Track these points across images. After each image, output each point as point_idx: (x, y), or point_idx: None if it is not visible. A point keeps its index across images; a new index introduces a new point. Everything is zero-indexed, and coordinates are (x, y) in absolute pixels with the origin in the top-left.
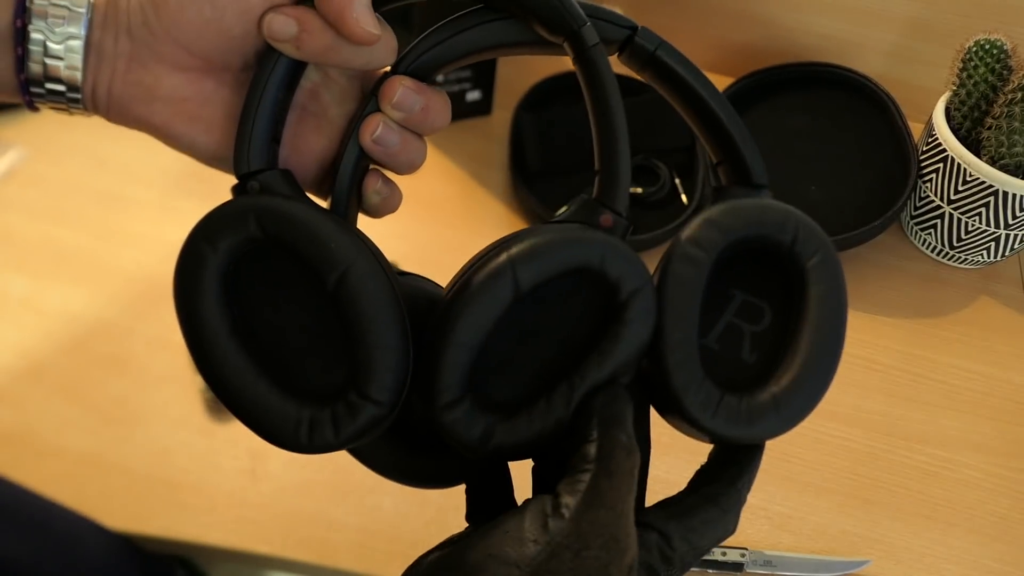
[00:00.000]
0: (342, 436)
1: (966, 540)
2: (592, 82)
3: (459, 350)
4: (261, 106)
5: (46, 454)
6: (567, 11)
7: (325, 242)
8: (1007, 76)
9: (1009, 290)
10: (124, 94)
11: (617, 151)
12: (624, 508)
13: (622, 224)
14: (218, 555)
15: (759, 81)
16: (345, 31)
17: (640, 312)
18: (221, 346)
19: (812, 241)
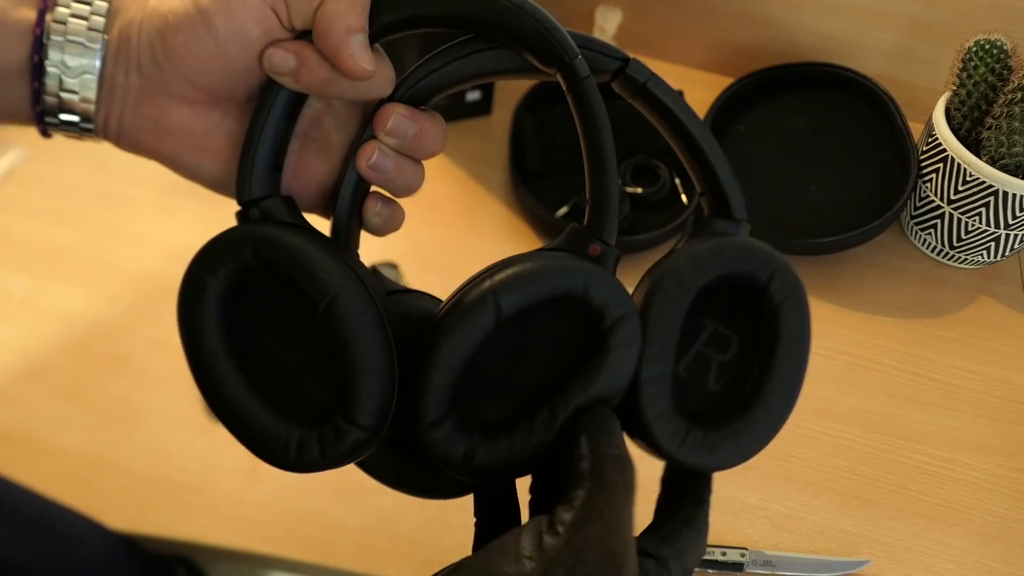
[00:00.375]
0: (328, 458)
1: (966, 540)
2: (583, 114)
3: (442, 373)
4: (262, 136)
5: (46, 454)
6: (559, 44)
7: (315, 271)
8: (1007, 76)
9: (1009, 290)
10: (134, 126)
11: (607, 183)
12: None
13: (611, 254)
14: (218, 555)
15: (759, 81)
16: (341, 67)
17: (624, 339)
18: (219, 367)
19: (786, 283)
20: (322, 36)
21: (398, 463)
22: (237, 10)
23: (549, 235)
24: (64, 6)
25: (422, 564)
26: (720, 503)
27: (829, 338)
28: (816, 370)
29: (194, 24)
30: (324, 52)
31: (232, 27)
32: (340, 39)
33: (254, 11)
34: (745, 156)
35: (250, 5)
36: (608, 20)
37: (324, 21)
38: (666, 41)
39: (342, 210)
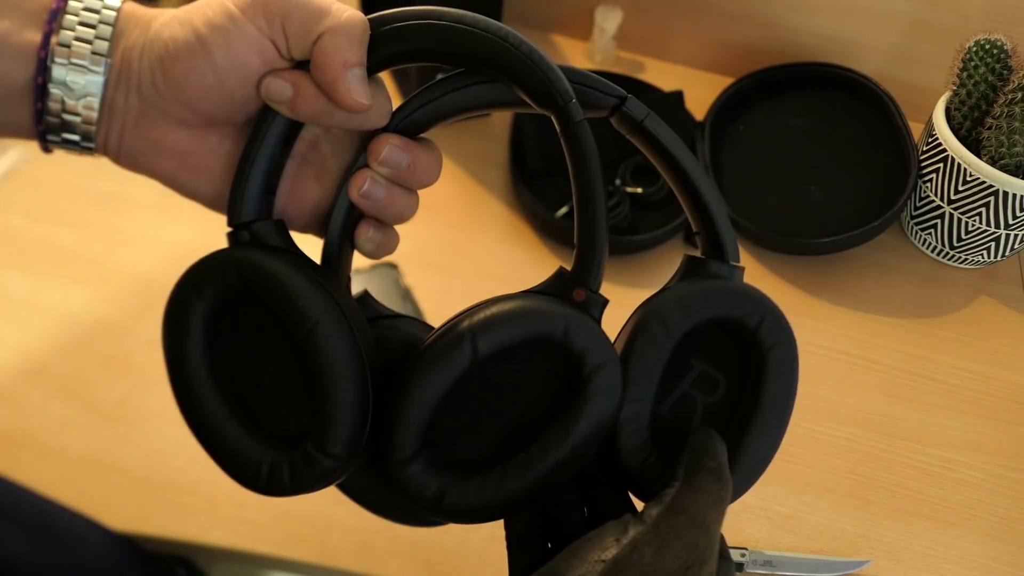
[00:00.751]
0: (298, 484)
1: (966, 540)
2: (575, 157)
3: (415, 410)
4: (256, 161)
5: (46, 454)
6: (554, 87)
7: (295, 299)
8: (1007, 76)
9: (1009, 290)
10: (132, 146)
11: (595, 228)
12: (707, 522)
13: (596, 300)
14: (218, 555)
15: (759, 81)
16: (336, 100)
17: (603, 388)
18: (198, 385)
19: (776, 330)
20: (319, 69)
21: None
22: (236, 41)
23: (549, 235)
24: (69, 29)
25: (422, 564)
26: None
27: (829, 338)
28: (816, 370)
29: (194, 53)
30: (321, 84)
31: (231, 57)
32: (336, 73)
33: (253, 42)
34: (745, 156)
35: (249, 36)
36: (608, 20)
37: (322, 55)
38: (666, 41)
39: (333, 235)
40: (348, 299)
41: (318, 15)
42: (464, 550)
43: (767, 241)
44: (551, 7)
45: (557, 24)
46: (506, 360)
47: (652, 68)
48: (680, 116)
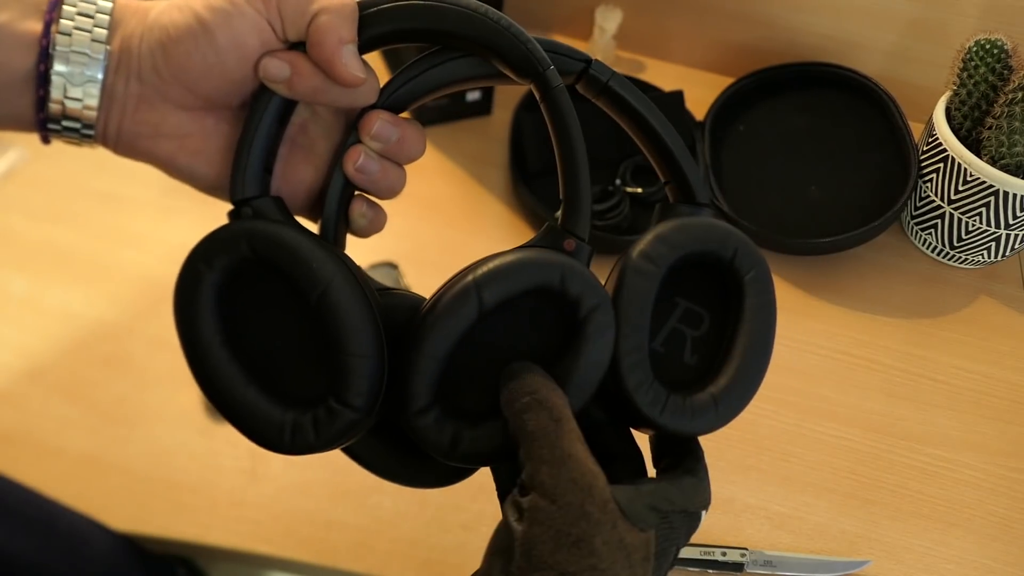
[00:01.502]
0: (322, 438)
1: (966, 540)
2: (556, 120)
3: (427, 361)
4: (256, 139)
5: (46, 454)
6: (533, 56)
7: (308, 262)
8: (1007, 76)
9: (1009, 290)
10: (132, 131)
11: (579, 182)
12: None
13: (584, 249)
14: (218, 555)
15: (759, 81)
16: (334, 75)
17: (599, 327)
18: (214, 355)
19: (749, 257)
20: (316, 46)
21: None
22: (236, 22)
23: None
24: (69, 19)
25: (422, 564)
26: (720, 503)
27: (829, 338)
28: (816, 370)
29: (195, 35)
30: (318, 61)
31: (231, 38)
32: (333, 48)
33: (252, 23)
34: (745, 156)
35: (248, 17)
36: (608, 20)
37: (318, 32)
38: (666, 41)
39: (330, 211)
40: (355, 265)
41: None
42: (464, 550)
43: (767, 241)
44: (551, 7)
45: (557, 24)
46: (509, 310)
47: (652, 68)
48: (680, 116)
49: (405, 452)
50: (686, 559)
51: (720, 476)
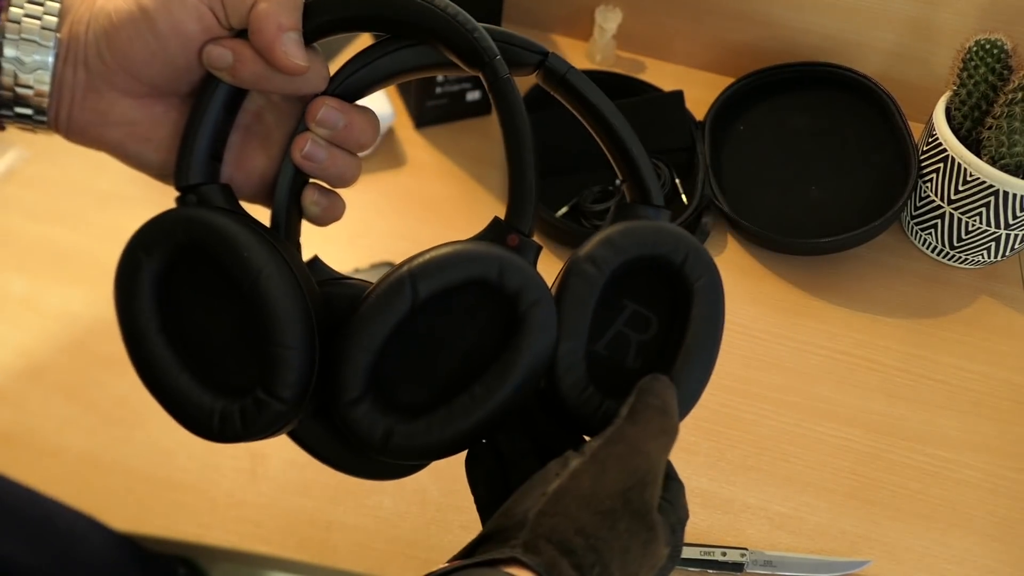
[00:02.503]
0: (249, 429)
1: (966, 540)
2: (502, 111)
3: (360, 352)
4: (201, 126)
5: (46, 454)
6: (479, 45)
7: (240, 251)
8: (1007, 76)
9: (1009, 290)
10: (81, 118)
11: (525, 177)
12: (647, 450)
13: (530, 244)
14: (218, 555)
15: (759, 81)
16: (274, 62)
17: (539, 324)
18: (150, 341)
19: (700, 264)
20: (256, 33)
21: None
22: (176, 9)
23: (549, 235)
24: (18, 6)
25: (422, 564)
26: (720, 503)
27: (829, 338)
28: (816, 370)
29: (136, 22)
30: (258, 48)
31: (172, 25)
32: (272, 36)
33: (192, 10)
34: (745, 156)
35: (189, 5)
36: (608, 20)
37: (257, 19)
38: (666, 41)
39: (280, 199)
40: (294, 255)
41: None
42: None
43: (767, 241)
44: (551, 7)
45: (557, 24)
46: (445, 303)
47: (652, 68)
48: (680, 116)
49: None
50: (686, 559)
51: (720, 476)
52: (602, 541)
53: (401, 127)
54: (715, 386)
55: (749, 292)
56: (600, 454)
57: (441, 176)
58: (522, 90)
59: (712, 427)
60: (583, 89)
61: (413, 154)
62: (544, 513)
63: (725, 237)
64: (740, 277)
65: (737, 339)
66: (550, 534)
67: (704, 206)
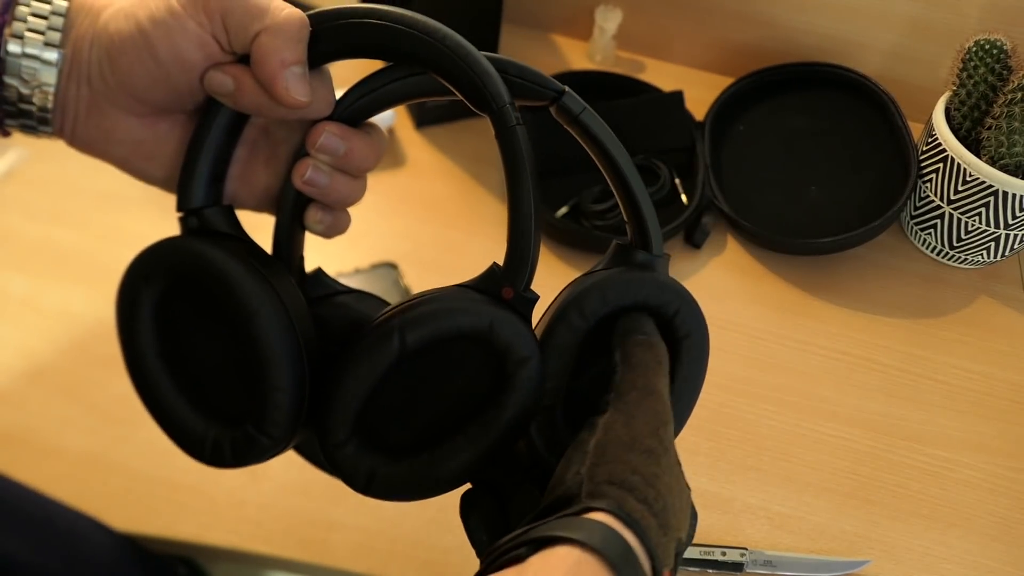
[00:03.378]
0: (238, 459)
1: (966, 540)
2: (507, 160)
3: (346, 399)
4: (204, 149)
5: (46, 454)
6: (487, 91)
7: (233, 290)
8: (1007, 76)
9: (1009, 290)
10: (85, 135)
11: (525, 230)
12: (657, 388)
13: (524, 299)
14: (218, 555)
15: (759, 81)
16: (275, 97)
17: (525, 382)
18: (148, 365)
19: (690, 320)
20: (258, 66)
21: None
22: (177, 35)
23: (549, 235)
24: (21, 20)
25: (422, 564)
26: (720, 503)
27: (829, 338)
28: (816, 370)
29: (137, 47)
30: (260, 81)
31: (172, 51)
32: (274, 71)
33: (194, 37)
34: (745, 156)
35: (190, 31)
36: (608, 20)
37: (259, 52)
38: (666, 41)
39: (283, 220)
40: (289, 287)
41: (256, 13)
42: (465, 550)
43: (767, 241)
44: (551, 7)
45: (557, 24)
46: (434, 352)
47: (652, 68)
48: (680, 116)
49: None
50: (686, 559)
51: (720, 476)
52: (655, 477)
53: (401, 127)
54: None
55: (749, 292)
56: (620, 405)
57: (441, 176)
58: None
59: (712, 427)
60: (596, 131)
61: (413, 154)
62: (596, 464)
63: (725, 237)
64: (740, 277)
65: (737, 339)
66: (609, 478)
67: (704, 206)
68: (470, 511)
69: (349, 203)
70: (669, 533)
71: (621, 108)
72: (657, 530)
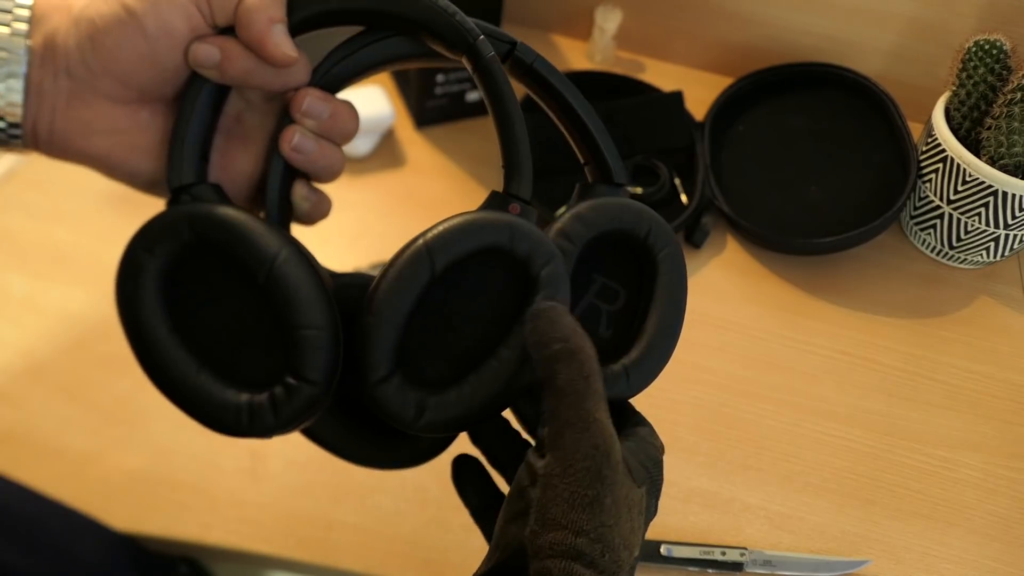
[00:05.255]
0: (281, 418)
1: (966, 540)
2: (490, 88)
3: (385, 327)
4: (191, 125)
5: (46, 454)
6: (463, 28)
7: (253, 240)
8: (1007, 76)
9: (1009, 290)
10: (64, 129)
11: (517, 146)
12: (588, 414)
13: (529, 211)
14: (218, 555)
15: (759, 81)
16: (265, 55)
17: (553, 281)
18: (161, 343)
19: (663, 236)
20: (245, 28)
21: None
22: (164, 9)
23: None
24: None
25: (422, 564)
26: (720, 503)
27: (829, 338)
28: (816, 370)
29: (123, 24)
30: (248, 42)
31: (161, 25)
32: (263, 28)
33: (180, 9)
34: (745, 156)
35: (176, 3)
36: (608, 20)
37: (246, 13)
38: (666, 41)
39: (272, 196)
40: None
41: None
42: (465, 550)
43: (767, 241)
44: (551, 7)
45: (557, 24)
46: (460, 273)
47: (652, 68)
48: (680, 116)
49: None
50: (686, 559)
51: (720, 476)
52: (600, 528)
53: (401, 127)
54: (715, 386)
55: (749, 292)
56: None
57: (441, 176)
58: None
59: (712, 427)
60: (549, 76)
61: (413, 154)
62: (537, 532)
63: (725, 237)
64: (740, 277)
65: (737, 339)
66: (552, 550)
67: (704, 206)
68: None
69: (334, 173)
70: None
71: (621, 108)
72: None
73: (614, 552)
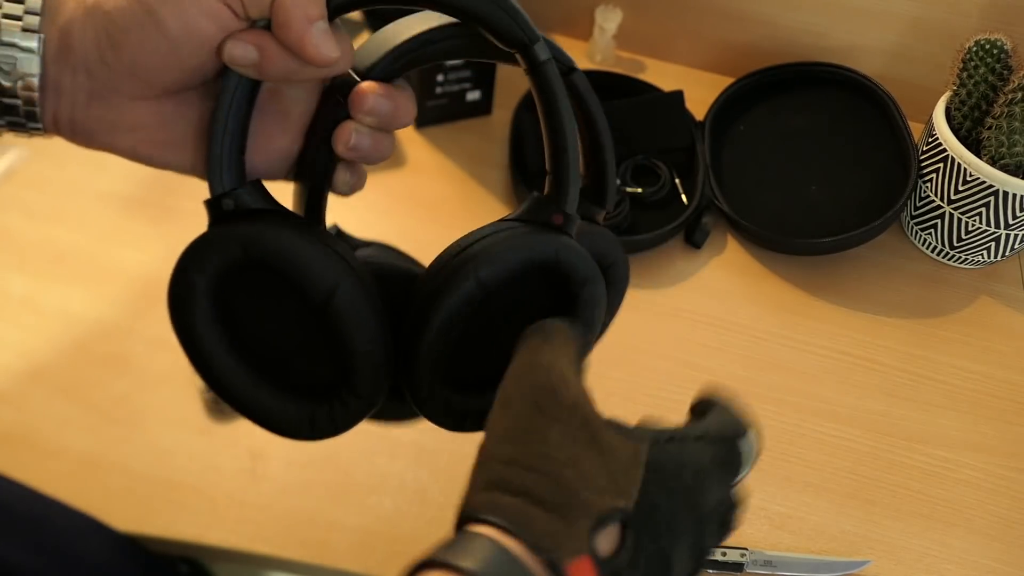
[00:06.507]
0: (340, 426)
1: (966, 540)
2: (543, 92)
3: (431, 348)
4: (228, 126)
5: (46, 454)
6: (520, 27)
7: (309, 268)
8: (1007, 76)
9: (1009, 290)
10: (86, 126)
11: (567, 157)
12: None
13: (573, 220)
14: (218, 555)
15: (759, 81)
16: (304, 57)
17: (593, 297)
18: (220, 362)
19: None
20: (282, 28)
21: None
22: (187, 7)
23: None
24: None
25: None
26: None
27: (829, 338)
28: (816, 370)
29: (142, 24)
30: (286, 43)
31: (184, 25)
32: (302, 29)
33: (204, 6)
34: (745, 156)
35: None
36: (608, 20)
37: (283, 12)
38: (666, 41)
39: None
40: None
41: None
42: None
43: (767, 241)
44: (551, 7)
45: (557, 24)
46: (505, 288)
47: (652, 68)
48: (680, 116)
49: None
50: None
51: None
52: (541, 457)
53: None
54: None
55: (749, 292)
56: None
57: (441, 176)
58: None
59: None
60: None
61: (413, 154)
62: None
63: (725, 237)
64: (740, 277)
65: (737, 339)
66: (484, 481)
67: (704, 206)
68: None
69: (383, 158)
70: (573, 512)
71: (621, 108)
72: (546, 518)
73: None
